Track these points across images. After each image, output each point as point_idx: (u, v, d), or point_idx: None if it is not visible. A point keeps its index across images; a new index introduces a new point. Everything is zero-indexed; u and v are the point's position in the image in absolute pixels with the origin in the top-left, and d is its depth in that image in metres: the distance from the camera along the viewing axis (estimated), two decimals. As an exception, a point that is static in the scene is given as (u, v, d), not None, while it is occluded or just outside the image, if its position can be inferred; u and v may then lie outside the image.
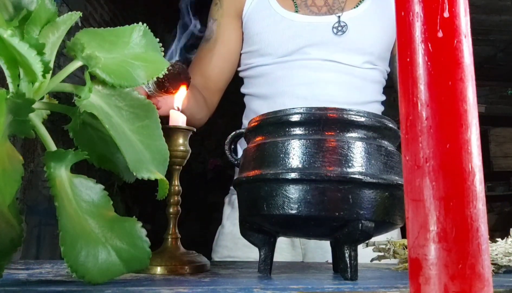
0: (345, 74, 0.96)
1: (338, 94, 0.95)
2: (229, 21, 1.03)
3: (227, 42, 1.03)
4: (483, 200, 0.24)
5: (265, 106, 0.98)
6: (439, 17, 0.25)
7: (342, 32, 0.96)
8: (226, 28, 1.03)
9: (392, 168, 0.48)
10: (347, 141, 0.47)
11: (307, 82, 0.95)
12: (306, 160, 0.46)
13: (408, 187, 0.25)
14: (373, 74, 1.00)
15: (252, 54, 1.02)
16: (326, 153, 0.46)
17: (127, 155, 0.44)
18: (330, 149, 0.46)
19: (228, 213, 1.02)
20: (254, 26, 1.01)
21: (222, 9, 1.04)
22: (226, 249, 0.96)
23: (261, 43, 1.00)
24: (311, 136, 0.47)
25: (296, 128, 0.48)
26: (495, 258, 0.54)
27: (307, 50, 0.96)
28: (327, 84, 0.95)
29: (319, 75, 0.95)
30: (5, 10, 0.43)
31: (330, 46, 0.96)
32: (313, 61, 0.96)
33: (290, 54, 0.97)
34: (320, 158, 0.46)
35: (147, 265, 0.44)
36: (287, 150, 0.47)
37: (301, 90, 0.94)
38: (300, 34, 0.97)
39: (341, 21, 0.97)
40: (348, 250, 0.47)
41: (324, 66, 0.96)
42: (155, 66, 0.50)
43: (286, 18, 0.99)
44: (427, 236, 0.24)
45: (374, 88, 1.01)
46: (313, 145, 0.46)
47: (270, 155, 0.48)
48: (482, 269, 0.23)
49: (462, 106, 0.24)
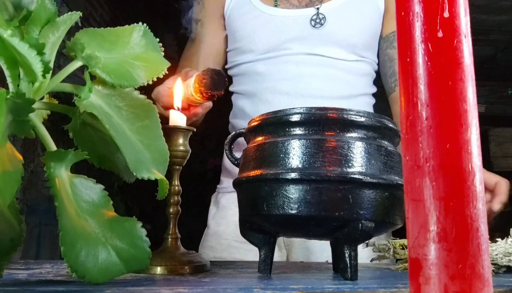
0: (329, 67, 0.94)
1: (323, 88, 0.93)
2: (212, 20, 1.03)
3: (212, 42, 1.02)
4: (483, 200, 0.24)
5: (249, 104, 0.97)
6: (439, 17, 0.25)
7: (320, 24, 0.94)
8: (209, 28, 1.02)
9: (392, 168, 0.48)
10: (347, 141, 0.47)
11: (290, 78, 0.93)
12: (306, 159, 0.46)
13: (408, 187, 0.25)
14: (360, 67, 0.97)
15: (236, 52, 1.01)
16: (326, 153, 0.46)
17: (127, 155, 0.44)
18: (330, 148, 0.46)
19: (214, 212, 1.00)
20: (235, 23, 1.00)
21: (204, 9, 1.03)
22: (211, 250, 0.94)
23: (243, 40, 0.98)
24: (311, 136, 0.47)
25: (296, 128, 0.48)
26: (495, 258, 0.54)
27: (288, 45, 0.94)
28: (310, 79, 0.93)
29: (302, 69, 0.93)
30: (5, 10, 0.43)
31: (311, 40, 0.94)
32: (295, 56, 0.94)
33: (272, 50, 0.95)
34: (320, 158, 0.46)
35: (147, 265, 0.44)
36: (287, 150, 0.47)
37: (284, 86, 0.92)
38: (280, 29, 0.95)
39: (320, 13, 0.95)
40: (348, 250, 0.47)
41: (306, 60, 0.94)
42: (155, 66, 0.50)
43: (265, 13, 0.97)
44: (427, 236, 0.24)
45: (362, 81, 0.99)
46: (313, 145, 0.46)
47: (270, 154, 0.48)
48: (482, 269, 0.23)
49: (462, 106, 0.24)
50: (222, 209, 0.98)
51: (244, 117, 0.98)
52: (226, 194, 0.99)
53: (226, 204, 0.98)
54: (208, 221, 1.00)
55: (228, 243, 0.93)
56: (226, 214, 0.97)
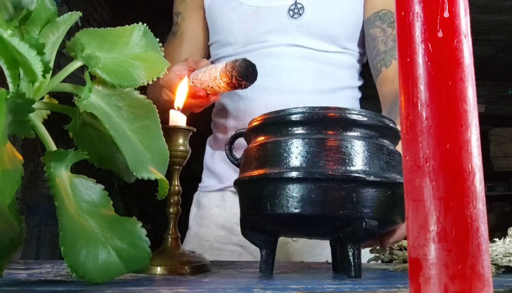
0: (310, 60, 0.90)
1: (303, 82, 0.89)
2: (192, 13, 1.00)
3: (193, 35, 1.00)
4: (483, 200, 0.24)
5: (229, 101, 0.93)
6: (439, 17, 0.25)
7: (298, 14, 0.90)
8: (191, 21, 1.00)
9: (393, 166, 0.48)
10: (350, 140, 0.47)
11: (268, 72, 0.88)
12: (310, 158, 0.46)
13: (408, 187, 0.25)
14: (342, 59, 0.93)
15: (217, 45, 0.97)
16: (330, 152, 0.46)
17: (127, 155, 0.44)
18: (333, 147, 0.46)
19: (194, 213, 0.98)
20: (214, 15, 0.96)
21: (185, 2, 1.01)
22: None
23: (222, 32, 0.95)
24: (314, 136, 0.47)
25: (299, 128, 0.48)
26: (495, 258, 0.54)
27: (267, 37, 0.90)
28: (290, 72, 0.89)
29: (281, 62, 0.89)
30: (5, 10, 0.43)
31: (290, 31, 0.90)
32: (275, 48, 0.90)
33: (251, 43, 0.91)
34: (324, 157, 0.46)
35: (147, 265, 0.44)
36: (290, 149, 0.47)
37: (263, 81, 0.85)
38: (258, 20, 0.91)
39: (298, 3, 0.90)
40: (351, 249, 0.47)
41: (286, 52, 0.90)
42: (155, 66, 0.50)
43: (243, 4, 0.93)
44: (427, 236, 0.24)
45: (345, 74, 0.94)
46: (316, 144, 0.47)
47: (273, 154, 0.48)
48: (482, 269, 0.23)
49: (462, 106, 0.24)
50: (202, 209, 0.96)
51: (225, 115, 0.95)
52: (207, 193, 0.96)
53: (206, 204, 0.95)
54: (189, 221, 0.98)
55: (210, 245, 0.91)
56: (207, 214, 0.94)
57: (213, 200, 0.95)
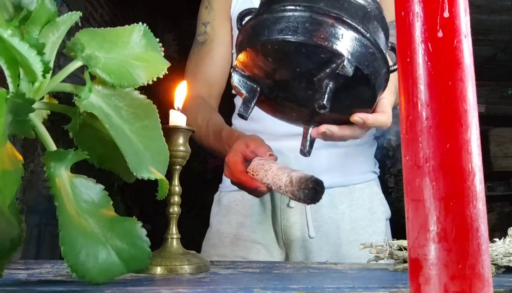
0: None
1: None
2: (222, 22, 1.02)
3: (223, 41, 1.02)
4: (483, 200, 0.24)
5: None
6: (439, 17, 0.25)
7: None
8: (220, 28, 1.02)
9: (380, 31, 0.54)
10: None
11: None
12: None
13: (408, 187, 0.25)
14: None
15: None
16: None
17: (127, 155, 0.44)
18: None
19: (216, 211, 1.01)
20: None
21: (213, 11, 1.03)
22: (213, 248, 0.94)
23: None
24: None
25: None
26: (495, 258, 0.54)
27: None
28: None
29: None
30: (5, 10, 0.43)
31: None
32: None
33: None
34: (325, 0, 0.51)
35: (147, 265, 0.44)
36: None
37: None
38: None
39: None
40: (328, 83, 0.51)
41: None
42: (155, 66, 0.50)
43: None
44: (427, 236, 0.24)
45: None
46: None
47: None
48: (482, 269, 0.23)
49: (462, 106, 0.24)
50: (224, 208, 0.99)
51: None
52: (228, 193, 0.99)
53: (227, 203, 0.98)
54: (211, 220, 1.01)
55: (230, 241, 0.94)
56: (228, 213, 0.97)
57: (233, 199, 0.97)
